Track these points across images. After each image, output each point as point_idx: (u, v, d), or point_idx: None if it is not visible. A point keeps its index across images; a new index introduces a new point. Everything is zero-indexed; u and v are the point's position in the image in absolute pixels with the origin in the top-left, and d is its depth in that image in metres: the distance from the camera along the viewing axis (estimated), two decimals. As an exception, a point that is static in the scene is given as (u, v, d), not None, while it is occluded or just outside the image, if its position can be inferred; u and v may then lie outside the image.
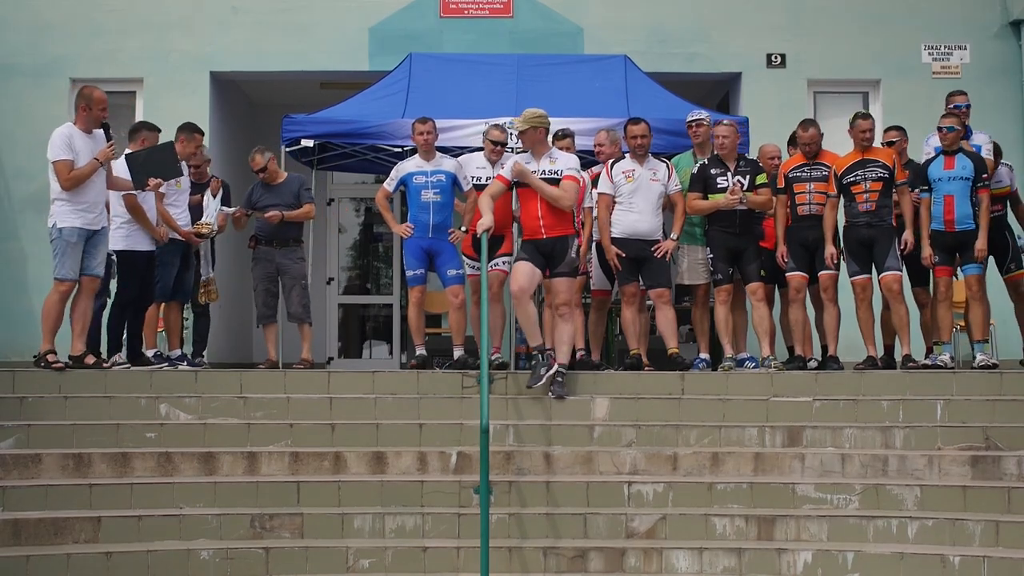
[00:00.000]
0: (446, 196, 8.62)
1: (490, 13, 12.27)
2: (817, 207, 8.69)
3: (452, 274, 8.62)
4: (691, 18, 12.23)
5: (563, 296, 7.90)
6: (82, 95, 8.17)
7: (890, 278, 8.56)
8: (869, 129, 8.76)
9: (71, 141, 7.98)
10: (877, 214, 8.55)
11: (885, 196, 8.58)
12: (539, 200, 7.85)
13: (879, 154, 8.70)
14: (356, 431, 7.50)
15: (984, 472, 7.11)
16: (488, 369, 7.08)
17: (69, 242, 7.98)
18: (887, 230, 8.58)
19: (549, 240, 7.86)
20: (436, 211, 8.58)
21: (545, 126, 7.95)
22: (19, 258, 8.39)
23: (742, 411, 7.69)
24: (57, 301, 8.08)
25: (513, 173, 7.83)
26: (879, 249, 8.56)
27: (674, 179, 8.69)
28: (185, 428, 7.52)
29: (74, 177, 7.94)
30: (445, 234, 8.59)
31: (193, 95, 11.78)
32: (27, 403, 7.70)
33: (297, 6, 12.17)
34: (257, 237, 9.33)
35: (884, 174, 8.57)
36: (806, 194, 8.72)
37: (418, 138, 8.72)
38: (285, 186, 9.31)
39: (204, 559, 6.50)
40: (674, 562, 6.63)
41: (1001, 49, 12.14)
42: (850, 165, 8.66)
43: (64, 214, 8.00)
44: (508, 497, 6.98)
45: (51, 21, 11.94)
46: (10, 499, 6.79)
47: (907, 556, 6.51)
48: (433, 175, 8.61)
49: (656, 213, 8.59)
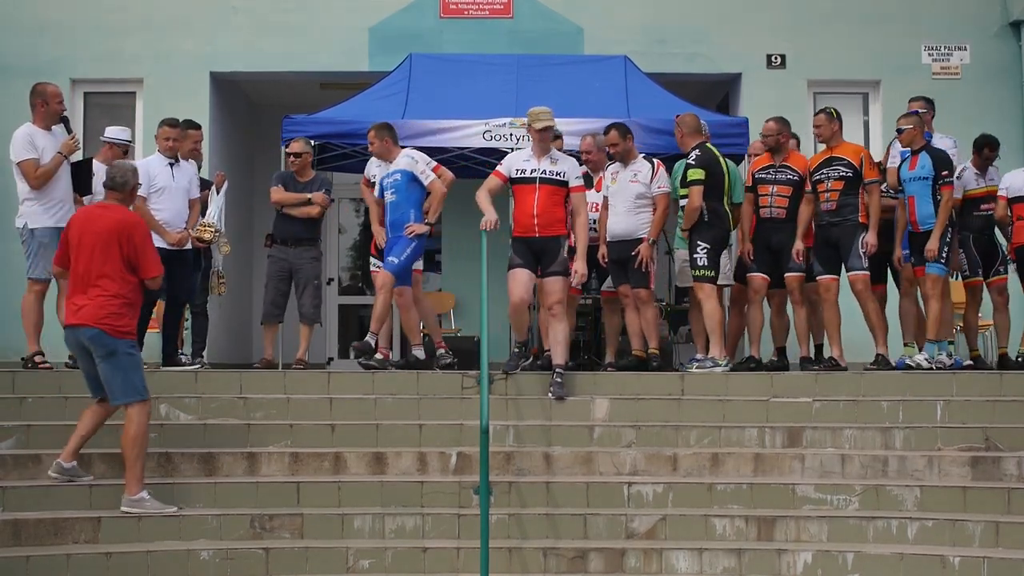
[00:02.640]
0: (401, 194, 8.56)
1: (490, 13, 12.28)
2: (779, 210, 8.62)
3: (387, 260, 8.51)
4: (691, 18, 12.24)
5: (556, 295, 7.93)
6: (36, 92, 8.21)
7: (851, 278, 8.56)
8: (818, 125, 8.74)
9: (33, 139, 8.03)
10: (839, 213, 8.51)
11: (847, 195, 8.50)
12: (536, 197, 7.89)
13: (846, 152, 8.63)
14: (356, 431, 7.50)
15: (984, 473, 7.11)
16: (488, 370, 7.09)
17: (42, 242, 8.02)
18: (850, 229, 8.51)
19: (541, 239, 7.92)
20: (392, 210, 8.60)
21: (534, 125, 8.04)
22: (19, 258, 8.38)
23: (742, 411, 7.69)
24: (34, 301, 8.12)
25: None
26: (844, 248, 8.53)
27: (658, 180, 8.60)
28: (185, 428, 7.52)
29: (42, 175, 7.99)
30: (401, 230, 8.55)
31: (193, 95, 11.77)
32: (27, 403, 7.70)
33: (297, 6, 12.17)
34: (273, 236, 9.33)
35: (848, 173, 8.50)
36: (769, 196, 8.65)
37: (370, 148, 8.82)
38: (311, 184, 9.34)
39: (204, 559, 6.50)
40: (674, 562, 6.62)
41: (1001, 49, 12.14)
42: (819, 163, 8.67)
43: (35, 214, 8.03)
44: (508, 497, 6.98)
45: (51, 21, 11.94)
46: (10, 499, 6.78)
47: (907, 557, 6.51)
48: (390, 176, 8.64)
49: (633, 213, 8.56)
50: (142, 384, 6.67)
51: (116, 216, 6.68)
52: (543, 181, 7.96)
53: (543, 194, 7.96)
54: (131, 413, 6.60)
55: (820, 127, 8.72)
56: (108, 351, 6.54)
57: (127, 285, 6.60)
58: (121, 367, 6.56)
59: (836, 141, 8.69)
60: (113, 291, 6.54)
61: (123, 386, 6.59)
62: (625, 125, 8.81)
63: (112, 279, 6.54)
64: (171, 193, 8.63)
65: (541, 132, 7.99)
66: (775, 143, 8.71)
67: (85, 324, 6.53)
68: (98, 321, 6.51)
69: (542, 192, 7.96)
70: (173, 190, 8.66)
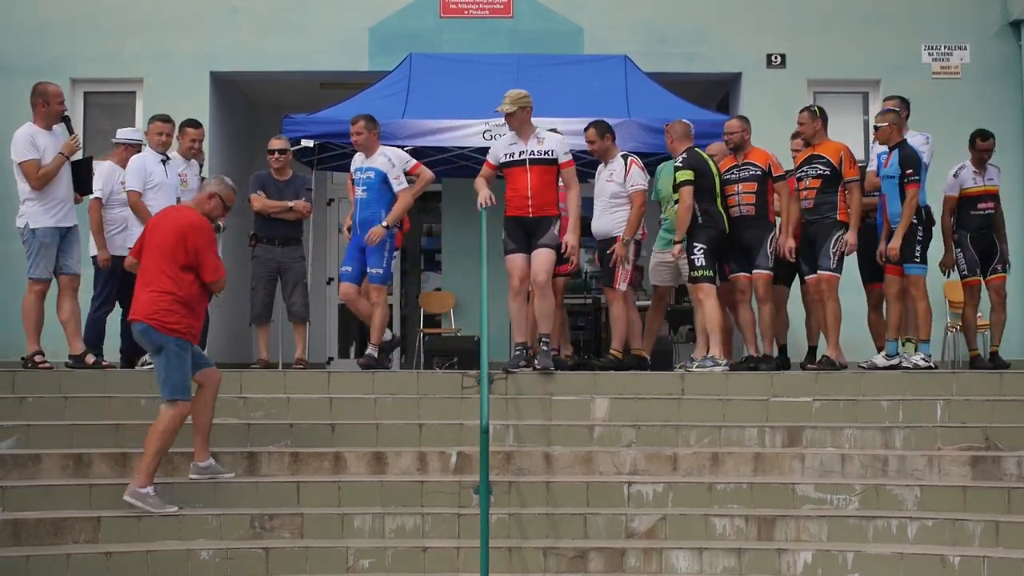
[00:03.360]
0: (372, 193, 8.59)
1: (490, 13, 12.28)
2: (748, 207, 8.62)
3: (370, 273, 8.61)
4: (691, 18, 12.24)
5: (542, 266, 7.99)
6: (37, 92, 8.21)
7: (821, 277, 8.55)
8: (801, 123, 8.76)
9: (34, 140, 8.03)
10: (816, 211, 8.54)
11: (825, 193, 8.51)
12: (529, 177, 7.98)
13: (827, 150, 8.62)
14: (356, 431, 7.51)
15: (984, 472, 7.10)
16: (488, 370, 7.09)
17: (43, 242, 8.02)
18: (827, 227, 8.51)
19: (535, 219, 8.02)
20: (362, 207, 8.61)
21: (530, 106, 8.09)
22: (19, 258, 8.39)
23: (742, 411, 7.69)
24: (34, 301, 8.12)
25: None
26: (816, 246, 8.55)
27: (632, 177, 8.61)
28: (185, 428, 7.49)
29: (43, 175, 7.99)
30: (369, 230, 8.57)
31: (193, 95, 11.76)
32: (27, 403, 7.70)
33: (297, 6, 12.18)
34: (257, 236, 9.33)
35: (826, 171, 8.52)
36: (736, 195, 8.66)
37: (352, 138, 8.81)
38: (291, 184, 9.34)
39: (204, 559, 6.49)
40: (674, 562, 6.61)
41: (1001, 49, 12.14)
42: (801, 162, 8.71)
43: (36, 215, 8.04)
44: (508, 497, 6.97)
45: (51, 21, 11.95)
46: (10, 499, 6.78)
47: (907, 556, 6.50)
48: (364, 171, 8.65)
49: (609, 212, 8.62)
50: (183, 385, 6.69)
51: (183, 218, 6.83)
52: (533, 162, 8.04)
53: (535, 174, 8.05)
54: (164, 409, 6.64)
55: (803, 125, 8.75)
56: (156, 346, 6.64)
57: (181, 284, 6.65)
58: (166, 364, 6.63)
59: (819, 139, 8.70)
60: (166, 287, 6.62)
61: (164, 382, 6.65)
62: (605, 123, 8.82)
63: (168, 276, 6.63)
64: (165, 190, 8.62)
65: (510, 117, 8.07)
66: (740, 140, 8.73)
67: (136, 319, 6.68)
68: (148, 316, 6.61)
69: (534, 172, 8.05)
70: (167, 187, 8.66)
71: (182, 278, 6.66)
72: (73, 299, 8.24)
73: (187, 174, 8.90)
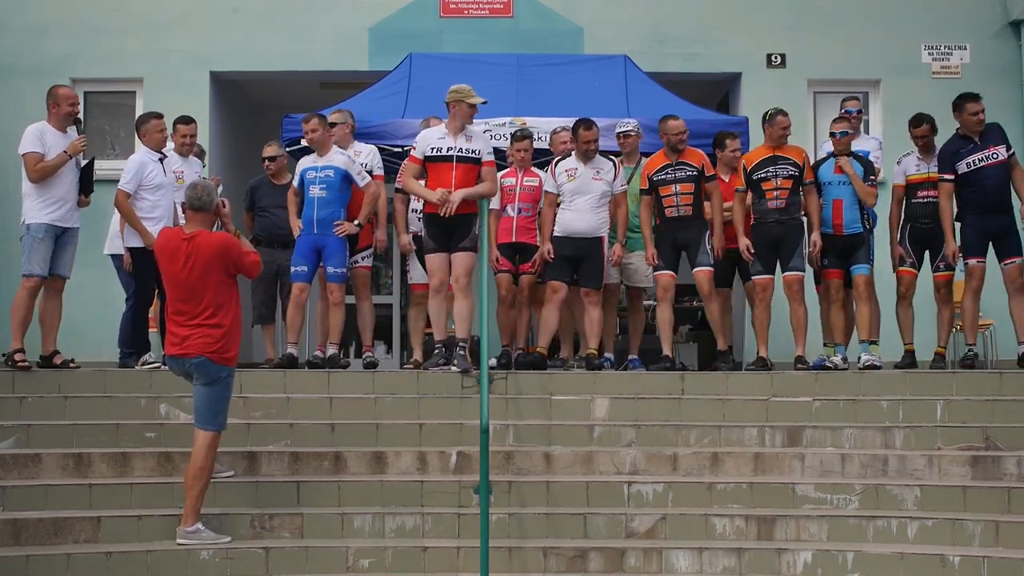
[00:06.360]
0: (333, 192, 8.57)
1: (490, 13, 12.28)
2: (685, 208, 8.59)
3: (332, 272, 8.61)
4: (691, 18, 12.25)
5: (462, 270, 7.96)
6: (50, 94, 8.24)
7: (792, 278, 8.57)
8: (788, 126, 8.78)
9: (43, 136, 8.04)
10: (787, 211, 8.58)
11: (795, 194, 8.59)
12: (453, 175, 7.93)
13: (791, 152, 8.69)
14: (356, 431, 7.51)
15: (984, 472, 7.11)
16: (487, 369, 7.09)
17: (36, 238, 8.00)
18: (797, 228, 8.60)
19: (454, 218, 7.90)
20: (321, 206, 8.57)
21: (469, 101, 8.01)
22: (20, 258, 8.38)
23: (742, 411, 7.70)
24: (25, 297, 8.08)
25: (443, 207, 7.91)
26: (786, 248, 8.57)
27: (620, 178, 8.64)
28: (185, 428, 7.49)
29: (41, 169, 7.97)
30: (331, 228, 8.57)
31: (193, 95, 11.75)
32: (27, 403, 7.70)
33: (297, 6, 12.18)
34: (258, 238, 9.34)
35: (795, 172, 8.58)
36: (673, 196, 8.62)
37: (305, 137, 8.80)
38: (287, 188, 9.31)
39: (204, 559, 6.49)
40: (674, 562, 6.62)
41: (1001, 49, 12.15)
42: (760, 161, 8.68)
43: (33, 210, 8.02)
44: (508, 497, 6.98)
45: (51, 21, 11.95)
46: (10, 499, 6.79)
47: (907, 556, 6.51)
48: (322, 170, 8.62)
49: (595, 211, 8.57)
50: (223, 417, 6.65)
51: (211, 243, 6.55)
52: (460, 160, 7.98)
53: (460, 173, 7.97)
54: (201, 441, 6.53)
55: (786, 128, 8.76)
56: (212, 379, 6.56)
57: (228, 310, 6.60)
58: (221, 394, 6.60)
59: (784, 141, 8.75)
60: (216, 320, 6.53)
61: (207, 412, 6.57)
62: (590, 121, 8.74)
63: (212, 307, 6.52)
64: (165, 189, 8.58)
65: (447, 107, 8.06)
66: (681, 140, 8.71)
67: (190, 354, 6.51)
68: (203, 350, 6.50)
69: (459, 171, 7.98)
70: (166, 186, 8.62)
71: (228, 301, 6.58)
72: (55, 299, 8.20)
73: (182, 171, 8.88)
